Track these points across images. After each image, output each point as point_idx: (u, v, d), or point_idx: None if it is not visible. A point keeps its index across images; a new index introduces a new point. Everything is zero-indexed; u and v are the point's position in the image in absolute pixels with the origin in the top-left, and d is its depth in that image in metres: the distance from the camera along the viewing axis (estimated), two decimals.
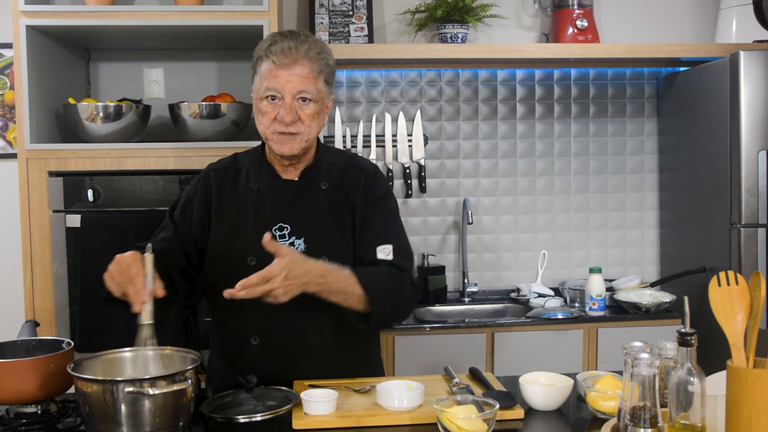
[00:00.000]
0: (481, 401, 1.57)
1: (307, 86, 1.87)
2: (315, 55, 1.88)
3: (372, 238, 1.97)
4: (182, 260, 1.98)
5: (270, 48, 1.87)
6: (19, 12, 2.72)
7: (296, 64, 1.86)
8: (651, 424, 1.34)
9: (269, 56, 1.87)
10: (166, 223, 2.03)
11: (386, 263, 1.94)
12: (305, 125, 1.89)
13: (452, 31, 3.29)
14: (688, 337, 1.38)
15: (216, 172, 2.04)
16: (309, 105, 1.88)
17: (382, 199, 2.02)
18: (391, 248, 1.96)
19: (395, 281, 1.92)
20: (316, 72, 1.88)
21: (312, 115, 1.89)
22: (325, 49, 1.93)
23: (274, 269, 1.70)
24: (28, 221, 2.77)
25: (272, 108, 1.88)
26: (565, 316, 3.12)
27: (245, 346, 1.97)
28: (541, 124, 3.60)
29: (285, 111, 1.87)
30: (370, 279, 1.86)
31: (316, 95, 1.89)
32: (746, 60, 2.92)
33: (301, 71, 1.86)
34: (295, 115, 1.87)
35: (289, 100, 1.87)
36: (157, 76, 3.25)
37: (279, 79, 1.86)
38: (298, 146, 1.91)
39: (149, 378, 1.54)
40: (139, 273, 1.69)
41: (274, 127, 1.89)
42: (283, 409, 1.68)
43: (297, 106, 1.88)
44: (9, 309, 3.21)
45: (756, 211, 2.95)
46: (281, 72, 1.86)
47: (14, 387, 1.67)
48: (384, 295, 1.87)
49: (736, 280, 1.41)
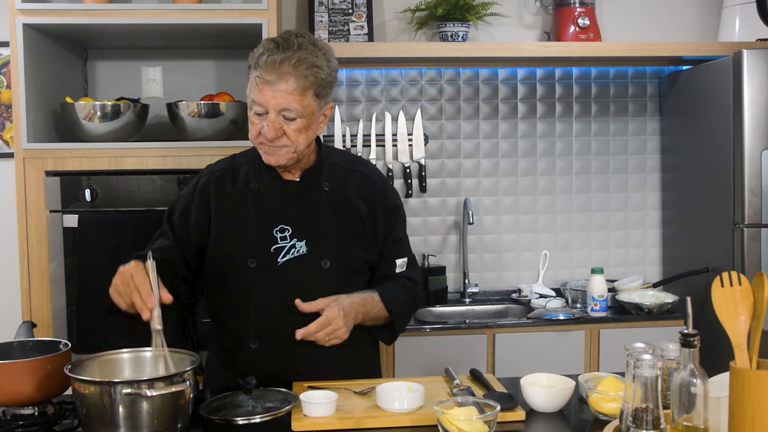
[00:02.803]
0: (482, 403, 1.56)
1: (291, 104, 1.81)
2: (303, 71, 1.80)
3: (393, 252, 2.07)
4: (182, 268, 1.97)
5: (259, 59, 1.82)
6: (15, 10, 2.71)
7: (281, 81, 1.80)
8: (653, 426, 1.34)
9: (257, 68, 1.82)
10: (164, 229, 2.01)
11: (402, 277, 2.07)
12: (291, 139, 1.85)
13: (453, 29, 3.28)
14: (690, 338, 1.38)
15: (213, 175, 2.01)
16: (294, 122, 1.84)
17: (400, 212, 2.11)
18: (406, 261, 2.09)
19: (412, 297, 2.07)
20: (302, 88, 1.81)
21: (298, 130, 1.85)
22: (317, 62, 1.83)
23: (331, 313, 1.83)
24: (25, 221, 2.76)
25: (258, 120, 1.86)
26: (567, 317, 3.12)
27: (244, 348, 1.96)
28: (543, 123, 3.59)
29: (268, 127, 1.83)
30: (393, 299, 1.99)
31: (302, 112, 1.83)
32: (749, 59, 2.91)
33: (285, 87, 1.80)
34: (279, 130, 1.84)
35: (273, 116, 1.83)
36: (155, 75, 3.25)
37: (263, 94, 1.82)
38: (285, 157, 1.89)
39: (147, 379, 1.55)
40: (144, 280, 1.69)
41: (259, 139, 1.88)
42: (282, 411, 1.68)
43: (281, 122, 1.83)
44: (6, 310, 3.20)
45: (759, 211, 2.94)
46: (265, 87, 1.81)
47: (11, 388, 1.66)
48: (404, 314, 2.04)
49: (739, 280, 1.41)
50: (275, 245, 1.93)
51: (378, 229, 2.03)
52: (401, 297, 2.02)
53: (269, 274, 1.92)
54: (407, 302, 2.05)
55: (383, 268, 2.05)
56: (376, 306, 1.95)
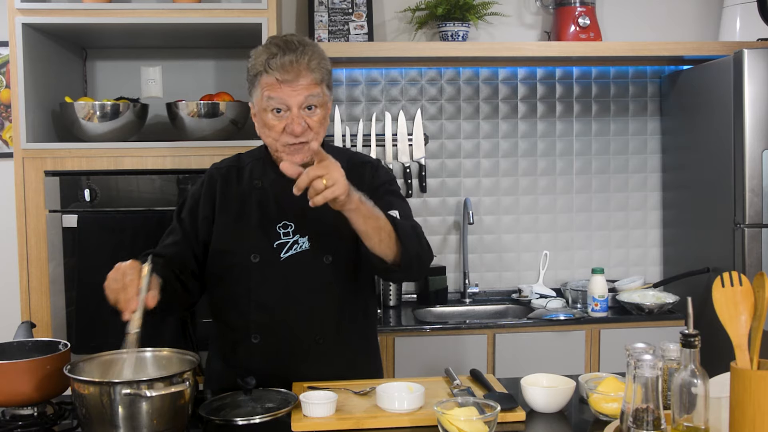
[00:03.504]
0: (482, 403, 1.56)
1: (313, 95, 1.86)
2: (316, 65, 1.86)
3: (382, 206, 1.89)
4: (193, 263, 1.99)
5: (269, 62, 1.84)
6: (15, 10, 2.71)
7: (300, 77, 1.84)
8: (654, 426, 1.34)
9: (269, 71, 1.84)
10: (174, 226, 2.03)
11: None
12: (314, 132, 1.88)
13: (453, 29, 3.28)
14: (691, 338, 1.38)
15: (219, 171, 2.05)
16: (316, 112, 1.88)
17: (386, 183, 2.03)
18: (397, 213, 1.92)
19: (414, 229, 1.88)
20: (319, 80, 1.87)
21: (320, 121, 1.89)
22: (322, 55, 1.91)
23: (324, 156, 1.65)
24: (24, 221, 2.75)
25: (279, 121, 1.86)
26: (567, 317, 3.11)
27: (246, 345, 1.96)
28: (543, 122, 3.58)
29: (294, 122, 1.85)
30: (396, 220, 1.82)
31: (322, 100, 1.88)
32: (750, 58, 2.91)
33: (305, 82, 1.85)
34: (304, 124, 1.86)
35: (296, 111, 1.85)
36: (154, 74, 3.25)
37: (283, 92, 1.84)
38: (309, 154, 1.89)
39: (147, 380, 1.54)
40: (133, 281, 1.67)
41: (284, 140, 1.88)
42: (282, 411, 1.67)
43: (305, 115, 1.86)
44: (5, 310, 3.20)
45: (760, 211, 2.94)
46: (285, 86, 1.84)
47: (10, 389, 1.66)
48: (411, 238, 1.83)
49: (740, 280, 1.41)
50: (278, 241, 1.94)
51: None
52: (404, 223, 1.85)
53: (272, 269, 1.93)
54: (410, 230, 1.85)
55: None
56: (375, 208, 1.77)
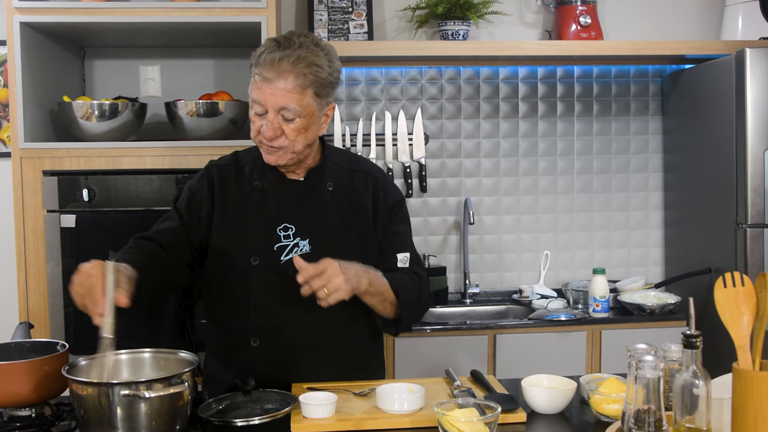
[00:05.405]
0: (483, 404, 1.56)
1: (289, 103, 1.80)
2: (302, 69, 1.79)
3: (394, 246, 2.01)
4: (187, 253, 1.95)
5: (260, 57, 1.82)
6: (12, 8, 2.70)
7: (279, 78, 1.79)
8: (655, 427, 1.34)
9: (257, 66, 1.83)
10: (170, 213, 1.99)
11: (405, 270, 1.99)
12: (289, 140, 1.84)
13: (453, 27, 3.27)
14: (693, 339, 1.38)
15: (218, 168, 2.01)
16: (293, 122, 1.82)
17: (401, 208, 2.06)
18: (408, 256, 2.01)
19: (417, 288, 1.97)
20: (301, 86, 1.80)
21: (296, 130, 1.83)
22: (317, 61, 1.81)
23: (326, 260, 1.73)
24: (22, 221, 2.75)
25: (258, 119, 1.85)
26: (568, 317, 3.11)
27: (245, 348, 1.95)
28: (544, 122, 3.58)
29: (266, 126, 1.82)
30: (399, 284, 1.91)
31: (301, 111, 1.82)
32: (752, 57, 2.90)
33: (284, 86, 1.79)
34: (278, 130, 1.82)
35: (272, 115, 1.81)
36: (153, 73, 3.24)
37: (262, 92, 1.81)
38: (285, 158, 1.88)
39: (145, 381, 1.54)
40: (97, 284, 1.60)
41: (259, 138, 1.87)
42: (281, 413, 1.67)
43: (280, 122, 1.82)
44: (3, 311, 3.19)
45: (762, 211, 2.93)
46: (264, 85, 1.80)
47: (8, 390, 1.66)
48: (411, 302, 1.94)
49: (742, 281, 1.41)
50: (278, 243, 1.92)
51: (378, 224, 2.01)
52: (407, 283, 1.94)
53: (272, 272, 1.91)
54: (414, 291, 1.95)
55: (384, 262, 1.97)
56: (380, 279, 1.86)
